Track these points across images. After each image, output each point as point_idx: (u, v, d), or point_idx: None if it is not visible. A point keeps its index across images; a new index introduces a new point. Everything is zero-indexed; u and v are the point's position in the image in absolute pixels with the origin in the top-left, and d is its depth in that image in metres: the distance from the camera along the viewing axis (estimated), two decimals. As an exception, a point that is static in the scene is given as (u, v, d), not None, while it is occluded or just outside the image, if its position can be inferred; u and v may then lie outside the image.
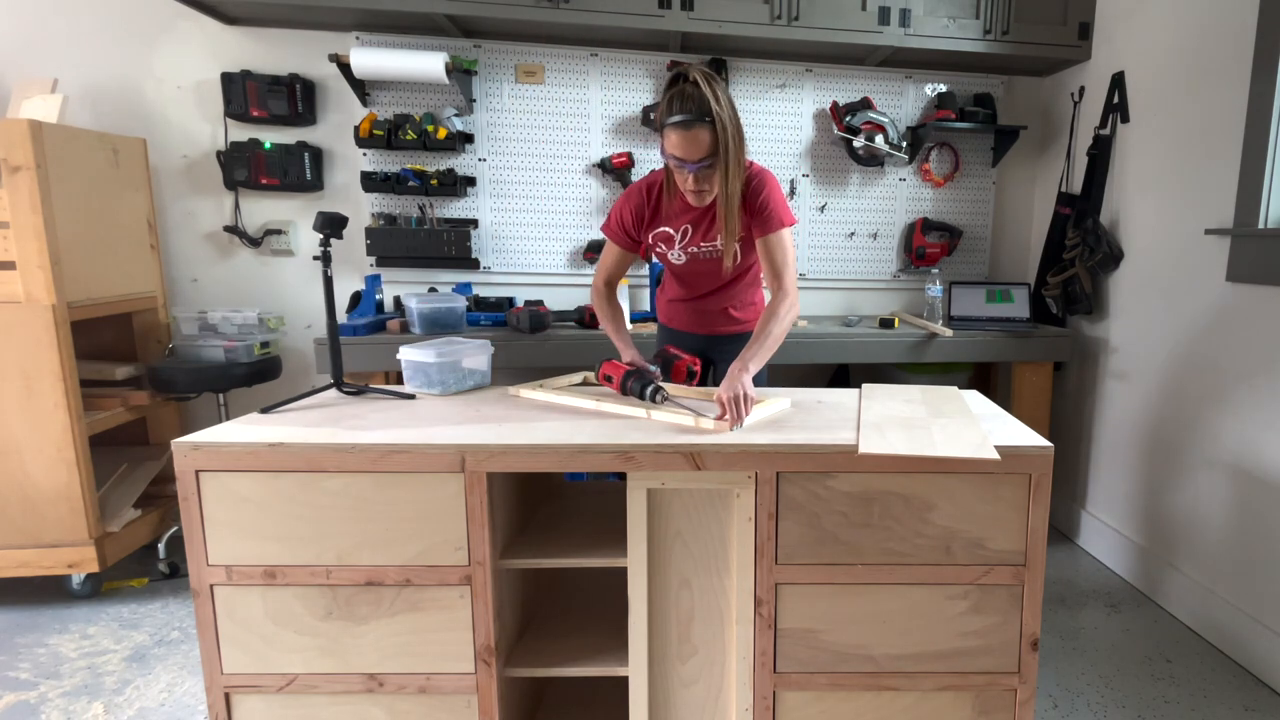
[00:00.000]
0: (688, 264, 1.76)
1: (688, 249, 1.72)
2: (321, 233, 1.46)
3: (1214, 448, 2.13)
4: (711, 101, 1.44)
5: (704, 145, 1.46)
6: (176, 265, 2.75)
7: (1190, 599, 2.21)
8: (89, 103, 2.60)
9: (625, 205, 1.71)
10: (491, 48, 2.74)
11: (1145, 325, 2.43)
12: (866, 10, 2.56)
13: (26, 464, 2.09)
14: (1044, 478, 1.25)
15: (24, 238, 2.02)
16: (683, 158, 1.48)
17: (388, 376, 2.44)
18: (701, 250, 1.72)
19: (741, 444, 1.24)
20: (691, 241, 1.71)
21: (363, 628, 1.29)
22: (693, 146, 1.46)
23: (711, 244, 1.70)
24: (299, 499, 1.24)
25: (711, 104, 1.44)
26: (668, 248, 1.74)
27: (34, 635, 2.06)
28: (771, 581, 1.28)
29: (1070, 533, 2.88)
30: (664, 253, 1.76)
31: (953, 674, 1.32)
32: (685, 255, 1.74)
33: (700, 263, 1.75)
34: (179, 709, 1.75)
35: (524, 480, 1.48)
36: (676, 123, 1.45)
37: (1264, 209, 1.95)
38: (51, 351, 2.05)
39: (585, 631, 1.47)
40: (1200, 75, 2.18)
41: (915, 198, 3.06)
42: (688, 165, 1.49)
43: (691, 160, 1.48)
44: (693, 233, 1.69)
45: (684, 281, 1.85)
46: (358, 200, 2.78)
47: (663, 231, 1.71)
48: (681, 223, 1.69)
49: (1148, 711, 1.81)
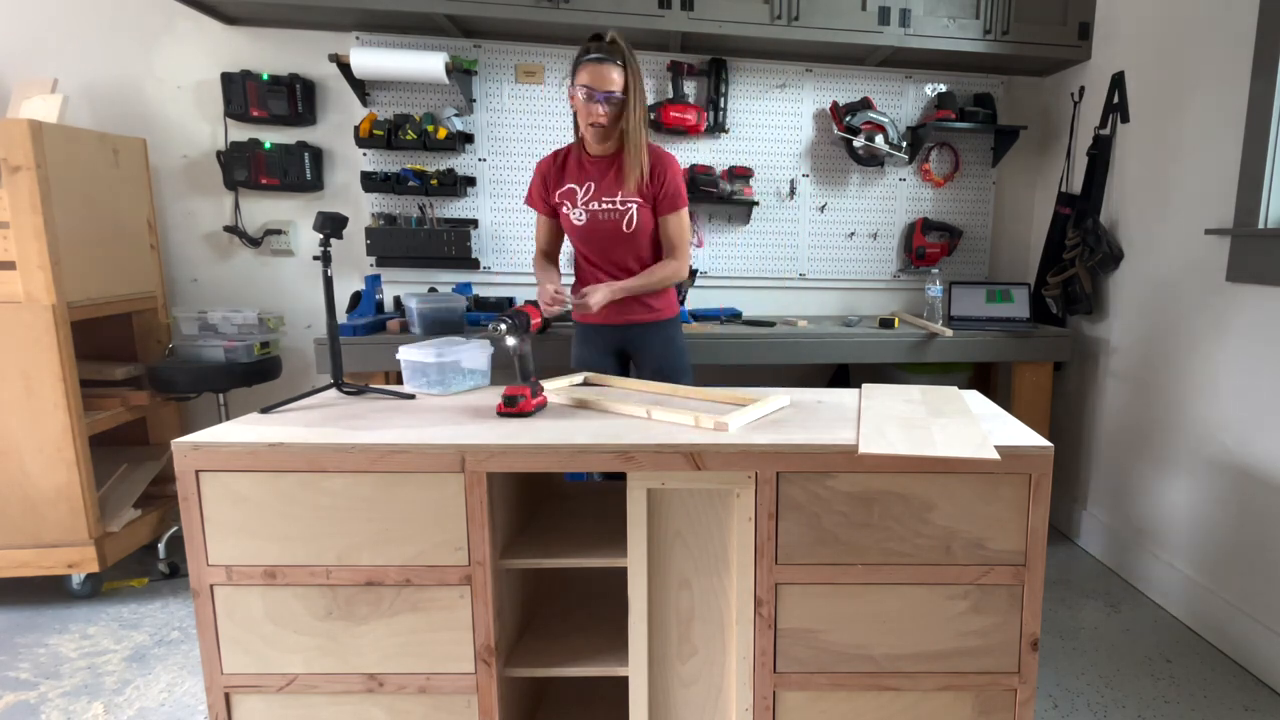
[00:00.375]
0: (588, 224, 1.91)
1: (589, 205, 1.90)
2: (321, 233, 1.46)
3: (1214, 448, 2.13)
4: (624, 49, 1.75)
5: (613, 81, 1.74)
6: (176, 265, 2.75)
7: (1190, 599, 2.21)
8: (89, 103, 2.60)
9: (537, 173, 1.95)
10: (491, 48, 2.74)
11: (1145, 325, 2.43)
12: (866, 10, 2.56)
13: (26, 464, 2.09)
14: (1044, 478, 1.25)
15: (24, 238, 2.02)
16: (594, 86, 1.74)
17: (388, 376, 2.44)
18: (602, 208, 1.89)
19: (742, 444, 1.24)
20: (594, 197, 1.89)
21: (363, 628, 1.29)
22: (603, 79, 1.73)
23: (611, 201, 1.89)
24: (299, 499, 1.24)
25: (624, 50, 1.75)
26: (571, 205, 1.91)
27: (34, 635, 2.06)
28: (771, 581, 1.28)
29: (1070, 533, 2.88)
30: (568, 214, 1.92)
31: (953, 674, 1.32)
32: (586, 213, 1.91)
33: (600, 224, 1.91)
34: (179, 709, 1.75)
35: (524, 480, 1.48)
36: (593, 59, 1.74)
37: (1264, 209, 1.95)
38: (51, 351, 2.06)
39: (585, 631, 1.47)
40: (1200, 75, 2.18)
41: (915, 198, 3.06)
42: (598, 94, 1.74)
43: (602, 89, 1.74)
44: (595, 189, 1.89)
45: (588, 256, 1.99)
46: (358, 200, 2.78)
47: (568, 189, 1.91)
48: (585, 178, 1.90)
49: (1148, 711, 1.81)
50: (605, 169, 1.88)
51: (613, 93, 1.75)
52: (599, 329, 2.02)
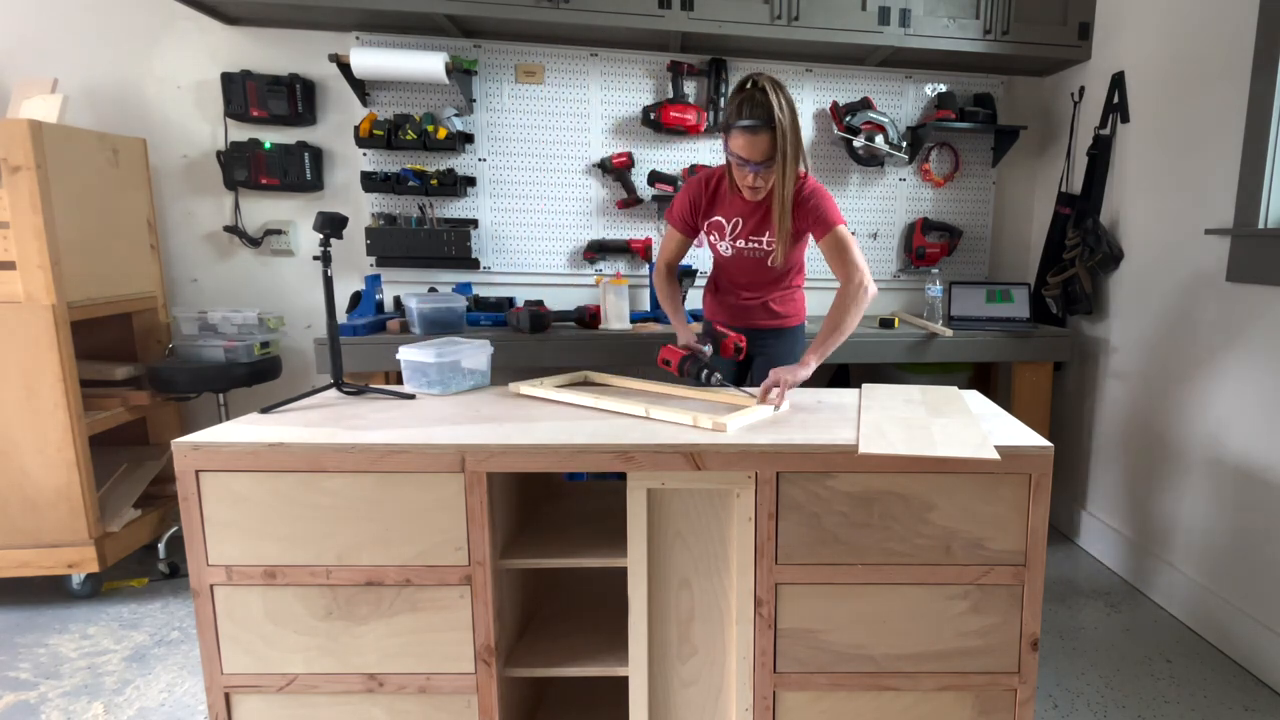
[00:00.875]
0: (734, 257, 1.90)
1: (736, 242, 1.86)
2: (321, 233, 1.46)
3: (1214, 448, 2.13)
4: (776, 109, 1.59)
5: (765, 148, 1.62)
6: (176, 265, 2.75)
7: (1191, 599, 2.21)
8: (89, 103, 2.60)
9: (686, 194, 1.87)
10: (491, 48, 2.74)
11: (1145, 325, 2.43)
12: (866, 10, 2.56)
13: (26, 464, 2.09)
14: (1044, 478, 1.25)
15: (24, 238, 2.02)
16: (745, 158, 1.64)
17: (388, 376, 2.44)
18: (749, 245, 1.86)
19: (741, 444, 1.24)
20: (741, 235, 1.85)
21: (363, 628, 1.29)
22: (755, 149, 1.62)
23: (759, 241, 1.85)
24: (299, 499, 1.24)
25: (776, 111, 1.59)
26: (719, 238, 1.88)
27: (34, 635, 2.06)
28: (771, 581, 1.28)
29: (1070, 533, 2.88)
30: (715, 243, 1.90)
31: (953, 674, 1.32)
32: (733, 248, 1.88)
33: (745, 259, 1.89)
34: (179, 709, 1.75)
35: (524, 480, 1.48)
36: (743, 127, 1.60)
37: (1264, 209, 1.95)
38: (51, 351, 2.05)
39: (585, 631, 1.47)
40: (1200, 75, 2.18)
41: (915, 198, 3.06)
42: (749, 165, 1.65)
43: (754, 161, 1.64)
44: (743, 226, 1.84)
45: (728, 275, 1.98)
46: (358, 200, 2.78)
47: (716, 221, 1.86)
48: (734, 215, 1.84)
49: (1148, 711, 1.81)
50: (755, 210, 1.80)
51: (764, 162, 1.63)
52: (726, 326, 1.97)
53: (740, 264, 1.91)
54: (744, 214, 1.82)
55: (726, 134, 1.66)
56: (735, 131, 1.62)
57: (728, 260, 1.92)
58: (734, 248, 1.87)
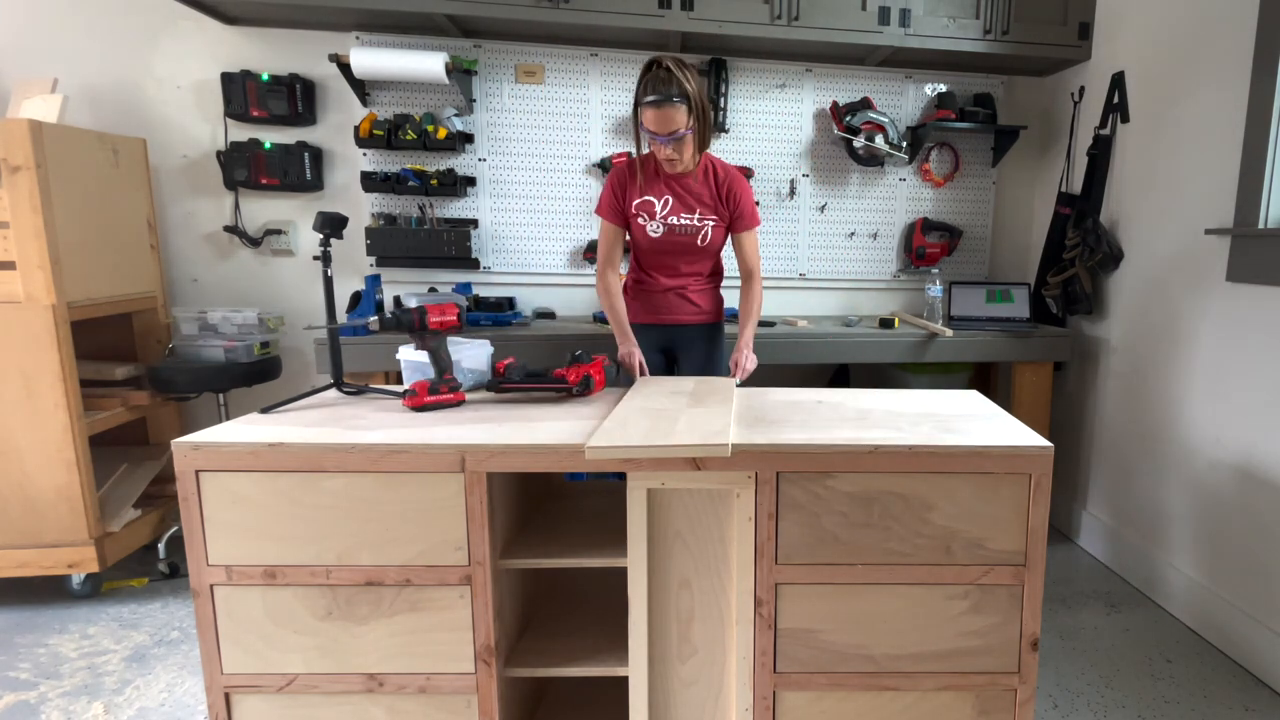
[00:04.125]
0: (664, 237, 1.95)
1: (667, 220, 1.93)
2: (321, 233, 1.46)
3: (1214, 448, 2.13)
4: (684, 83, 1.74)
5: (676, 121, 1.75)
6: (176, 265, 2.75)
7: (1190, 599, 2.21)
8: (89, 103, 2.60)
9: (609, 185, 1.95)
10: (491, 48, 2.73)
11: (1145, 325, 2.43)
12: (866, 10, 2.56)
13: (26, 464, 2.09)
14: (1044, 478, 1.25)
15: (24, 238, 2.02)
16: (656, 131, 1.76)
17: (388, 376, 2.44)
18: (680, 223, 1.94)
19: (741, 444, 1.24)
20: (672, 212, 1.93)
21: (363, 628, 1.29)
22: (666, 122, 1.74)
23: (690, 218, 1.93)
24: (299, 499, 1.24)
25: (685, 85, 1.74)
26: (648, 219, 1.94)
27: (34, 635, 2.06)
28: (771, 581, 1.28)
29: (1070, 533, 2.88)
30: (643, 225, 1.95)
31: (953, 674, 1.32)
32: (664, 227, 1.94)
33: (675, 238, 1.96)
34: (179, 709, 1.75)
35: (524, 480, 1.48)
36: (650, 101, 1.73)
37: (1264, 209, 1.95)
38: (51, 351, 2.05)
39: (585, 631, 1.47)
40: (1200, 75, 2.18)
41: (915, 198, 3.06)
42: (659, 138, 1.77)
43: (663, 133, 1.76)
44: (673, 204, 1.93)
45: (652, 261, 2.03)
46: (358, 200, 2.78)
47: (646, 201, 1.93)
48: (664, 191, 1.93)
49: (1148, 711, 1.81)
50: (683, 183, 1.93)
51: (676, 132, 1.76)
52: (646, 328, 2.05)
53: (669, 245, 1.96)
54: (674, 191, 1.92)
55: (636, 110, 1.78)
56: (645, 107, 1.75)
57: (655, 243, 1.96)
58: (665, 225, 1.93)
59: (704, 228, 1.94)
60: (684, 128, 1.77)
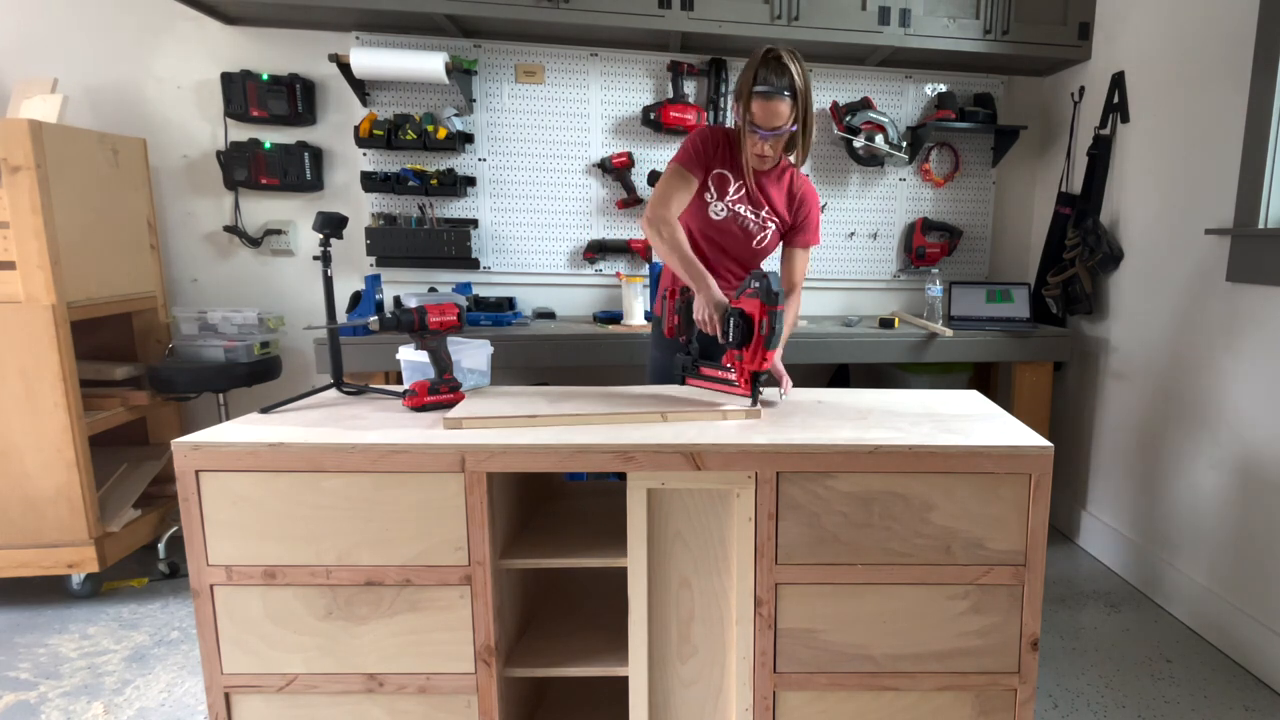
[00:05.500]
0: (725, 221, 1.82)
1: (734, 205, 1.81)
2: (321, 233, 1.47)
3: (1214, 448, 2.13)
4: (795, 76, 1.62)
5: (782, 115, 1.63)
6: (176, 265, 2.75)
7: (1190, 599, 2.21)
8: (89, 103, 2.60)
9: (700, 138, 1.79)
10: (491, 48, 2.74)
11: (1145, 325, 2.43)
12: (866, 10, 2.56)
13: (26, 464, 2.09)
14: (1044, 478, 1.25)
15: (24, 238, 2.02)
16: (759, 124, 1.65)
17: (388, 376, 2.44)
18: (745, 214, 1.82)
19: (741, 444, 1.24)
20: (742, 199, 1.81)
21: (362, 628, 1.29)
22: (770, 115, 1.63)
23: (755, 214, 1.82)
24: (299, 499, 1.24)
25: (795, 77, 1.62)
26: (716, 196, 1.81)
27: (34, 635, 2.05)
28: (771, 581, 1.28)
29: (1070, 533, 2.88)
30: (709, 202, 1.81)
31: (953, 674, 1.32)
32: (728, 210, 1.81)
33: (735, 227, 1.83)
34: (179, 709, 1.75)
35: (524, 480, 1.48)
36: (761, 91, 1.62)
37: (1264, 209, 1.95)
38: (51, 351, 2.05)
39: (585, 631, 1.47)
40: (1200, 75, 2.18)
41: (915, 198, 3.06)
42: (762, 132, 1.66)
43: (767, 127, 1.65)
44: (746, 192, 1.81)
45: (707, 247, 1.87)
46: (358, 200, 2.78)
47: (723, 175, 1.79)
48: (741, 175, 1.79)
49: (1148, 711, 1.81)
50: (761, 175, 1.81)
51: (780, 128, 1.65)
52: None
53: (728, 232, 1.83)
54: (747, 182, 1.80)
55: (742, 100, 1.66)
56: (755, 97, 1.63)
57: (714, 225, 1.82)
58: (729, 209, 1.80)
59: (766, 230, 1.83)
60: (787, 124, 1.66)
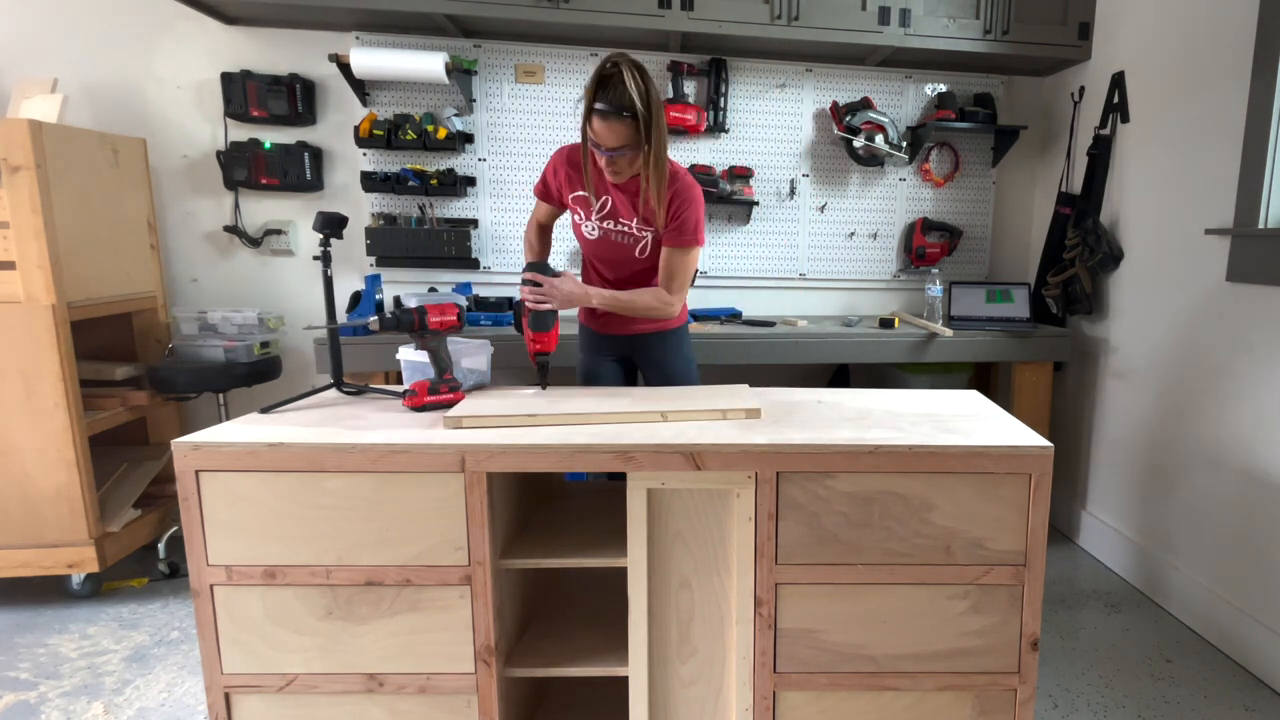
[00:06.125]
0: (600, 240, 1.78)
1: (603, 224, 1.75)
2: (321, 233, 1.46)
3: (1214, 448, 2.13)
4: (635, 96, 1.51)
5: (620, 135, 1.54)
6: (176, 265, 2.75)
7: (1190, 599, 2.21)
8: (89, 103, 2.60)
9: (549, 165, 1.78)
10: (491, 48, 2.73)
11: (1145, 325, 2.43)
12: (866, 10, 2.56)
13: (26, 464, 2.09)
14: (1044, 478, 1.25)
15: (24, 238, 2.02)
16: (599, 142, 1.57)
17: (388, 376, 2.44)
18: (615, 229, 1.75)
19: (741, 444, 1.24)
20: (609, 216, 1.74)
21: (363, 628, 1.29)
22: (608, 135, 1.54)
23: (626, 225, 1.74)
24: (299, 499, 1.24)
25: (635, 99, 1.51)
26: (584, 217, 1.77)
27: (34, 635, 2.05)
28: (771, 581, 1.28)
29: (1070, 533, 2.88)
30: (579, 223, 1.78)
31: (953, 674, 1.32)
32: (599, 230, 1.76)
33: (611, 244, 1.78)
34: (179, 709, 1.75)
35: (524, 480, 1.48)
36: (597, 110, 1.53)
37: (1264, 209, 1.95)
38: (51, 351, 2.05)
39: (585, 631, 1.47)
40: (1200, 75, 2.18)
41: (915, 198, 3.06)
42: (602, 150, 1.58)
43: (606, 146, 1.57)
44: (610, 207, 1.74)
45: (595, 264, 1.86)
46: (358, 200, 2.78)
47: (582, 197, 1.75)
48: (602, 191, 1.73)
49: (1148, 711, 1.81)
50: (623, 190, 1.72)
51: (620, 149, 1.57)
52: (604, 337, 1.93)
53: (606, 248, 1.78)
54: (614, 195, 1.72)
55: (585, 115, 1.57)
56: (593, 114, 1.54)
57: (593, 244, 1.78)
58: (600, 228, 1.75)
59: (643, 239, 1.74)
60: (627, 146, 1.56)
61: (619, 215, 1.74)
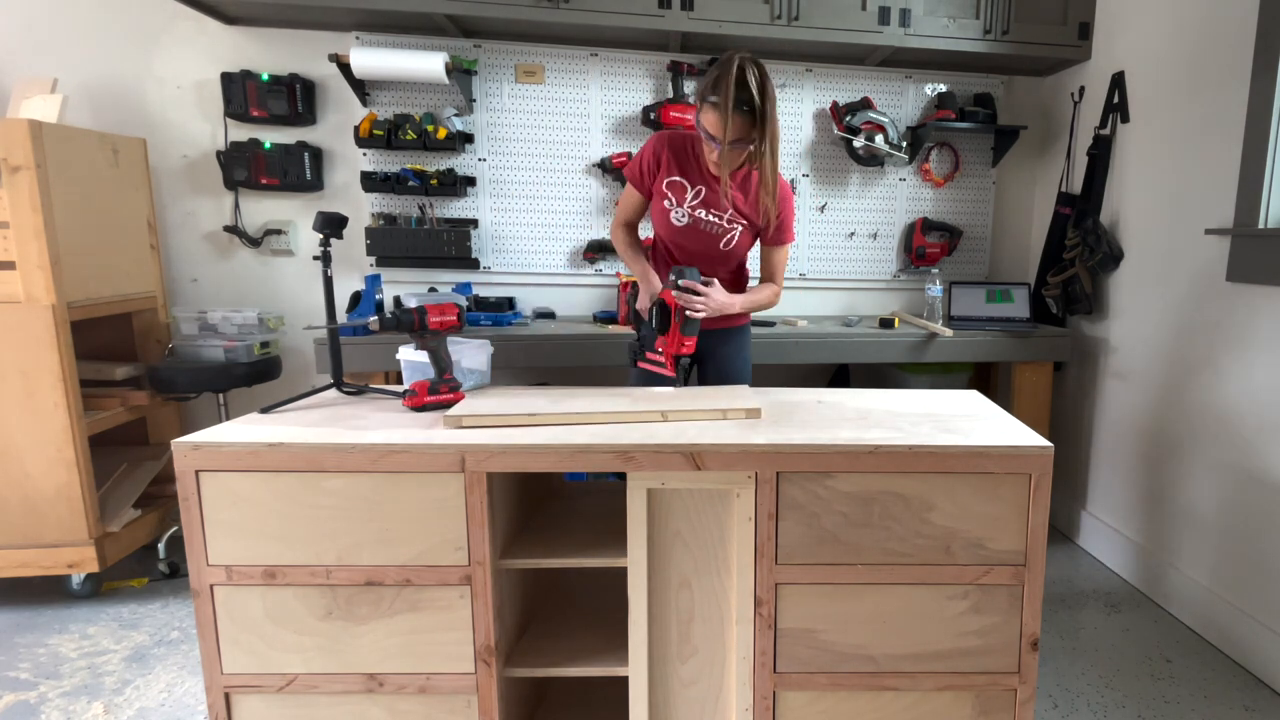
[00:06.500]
0: (688, 228, 1.78)
1: (694, 211, 1.76)
2: (321, 233, 1.46)
3: (1214, 448, 2.13)
4: (754, 91, 1.53)
5: (736, 129, 1.55)
6: (176, 265, 2.75)
7: (1190, 599, 2.21)
8: (89, 103, 2.60)
9: (651, 147, 1.76)
10: (491, 48, 2.74)
11: (1145, 325, 2.43)
12: (866, 10, 2.56)
13: (26, 464, 2.09)
14: (1044, 478, 1.25)
15: (24, 238, 2.02)
16: (713, 134, 1.57)
17: (388, 376, 2.44)
18: (708, 218, 1.76)
19: (741, 444, 1.24)
20: (703, 204, 1.75)
21: (362, 628, 1.29)
22: (727, 128, 1.54)
23: (719, 216, 1.76)
24: (299, 499, 1.24)
25: (754, 93, 1.53)
26: (675, 203, 1.76)
27: (34, 635, 2.05)
28: (771, 581, 1.28)
29: (1070, 533, 2.88)
30: (668, 209, 1.77)
31: (953, 674, 1.32)
32: (689, 217, 1.76)
33: (699, 233, 1.78)
34: (179, 709, 1.75)
35: (524, 480, 1.48)
36: (713, 103, 1.55)
37: (1264, 209, 1.95)
38: (51, 351, 2.05)
39: (585, 631, 1.47)
40: (1200, 75, 2.18)
41: (915, 198, 3.06)
42: (715, 143, 1.58)
43: (719, 139, 1.57)
44: (706, 195, 1.75)
45: (675, 254, 1.85)
46: (358, 200, 2.78)
47: (678, 182, 1.75)
48: (699, 182, 1.75)
49: (1148, 711, 1.81)
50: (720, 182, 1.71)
51: (735, 143, 1.58)
52: None
53: (692, 238, 1.79)
54: (711, 183, 1.73)
55: (699, 105, 1.60)
56: (706, 105, 1.56)
57: (678, 231, 1.78)
58: (691, 216, 1.75)
59: (732, 231, 1.77)
60: (741, 140, 1.57)
61: (712, 206, 1.76)
